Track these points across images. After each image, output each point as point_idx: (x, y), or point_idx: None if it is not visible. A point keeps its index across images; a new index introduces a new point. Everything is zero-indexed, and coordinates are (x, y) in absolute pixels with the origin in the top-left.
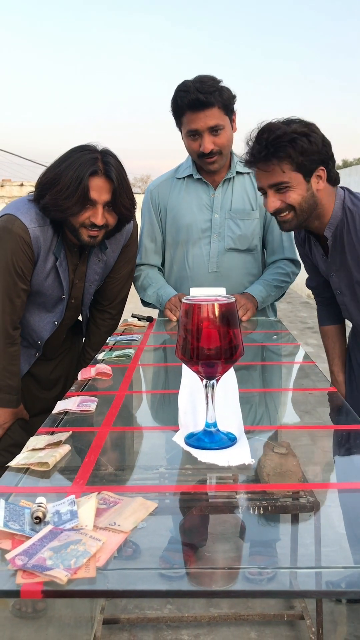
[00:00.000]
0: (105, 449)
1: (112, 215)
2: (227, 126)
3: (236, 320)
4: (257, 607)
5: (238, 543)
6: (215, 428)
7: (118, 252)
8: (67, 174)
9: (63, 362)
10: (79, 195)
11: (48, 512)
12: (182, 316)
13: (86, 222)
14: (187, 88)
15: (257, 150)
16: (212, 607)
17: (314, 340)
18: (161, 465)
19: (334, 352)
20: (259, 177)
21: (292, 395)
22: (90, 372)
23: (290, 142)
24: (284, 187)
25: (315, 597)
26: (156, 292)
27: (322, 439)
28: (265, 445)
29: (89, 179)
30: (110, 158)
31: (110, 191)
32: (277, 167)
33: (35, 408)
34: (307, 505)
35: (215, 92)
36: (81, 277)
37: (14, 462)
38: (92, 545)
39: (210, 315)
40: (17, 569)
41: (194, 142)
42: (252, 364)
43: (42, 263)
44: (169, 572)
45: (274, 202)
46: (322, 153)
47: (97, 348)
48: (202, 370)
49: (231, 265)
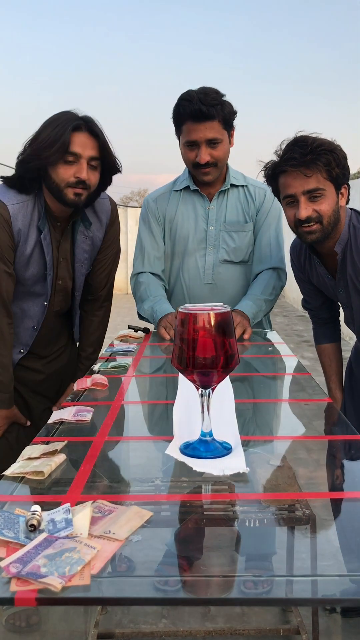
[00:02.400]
0: (101, 459)
1: (94, 175)
2: (225, 140)
3: (232, 330)
4: (253, 621)
5: (234, 555)
6: (211, 437)
7: (103, 230)
8: (48, 129)
9: (58, 360)
10: (59, 146)
11: (43, 520)
12: (178, 326)
13: (71, 180)
14: (191, 98)
15: (300, 154)
16: (207, 622)
17: (310, 353)
18: (157, 478)
19: (331, 369)
20: (294, 183)
21: (288, 407)
22: (86, 382)
23: (331, 152)
24: (319, 195)
25: (311, 606)
26: (152, 306)
27: (318, 450)
28: (260, 456)
29: (72, 134)
30: (92, 119)
31: (95, 147)
32: (318, 172)
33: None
34: (302, 517)
35: (218, 106)
36: (65, 256)
37: (9, 471)
38: (86, 553)
39: (206, 325)
40: (11, 577)
41: (191, 152)
42: (247, 375)
43: (23, 242)
44: (164, 586)
45: (306, 210)
46: (348, 171)
47: (93, 343)
48: (197, 379)
49: (226, 278)
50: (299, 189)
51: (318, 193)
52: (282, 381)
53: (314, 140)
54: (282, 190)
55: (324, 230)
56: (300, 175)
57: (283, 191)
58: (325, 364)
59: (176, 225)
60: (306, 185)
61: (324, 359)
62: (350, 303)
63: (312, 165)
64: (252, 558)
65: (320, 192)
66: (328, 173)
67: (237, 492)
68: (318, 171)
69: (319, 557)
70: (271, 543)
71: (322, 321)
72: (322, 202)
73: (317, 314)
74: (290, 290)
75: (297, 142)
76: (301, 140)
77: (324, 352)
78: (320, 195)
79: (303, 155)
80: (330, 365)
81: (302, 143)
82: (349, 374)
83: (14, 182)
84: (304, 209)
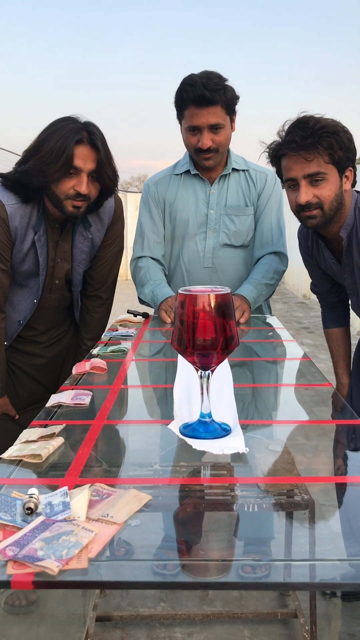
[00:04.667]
0: (99, 442)
1: (94, 186)
2: (227, 125)
3: (231, 312)
4: (251, 605)
5: (232, 540)
6: (210, 418)
7: (104, 230)
8: (51, 140)
9: (58, 344)
10: (63, 162)
11: (40, 503)
12: (177, 307)
13: (70, 193)
14: (194, 82)
15: (301, 137)
16: (205, 605)
17: (309, 340)
18: (155, 462)
19: (339, 354)
20: (294, 167)
21: (288, 391)
22: (84, 366)
23: (334, 135)
24: (320, 179)
25: (310, 590)
26: (152, 290)
27: (317, 436)
28: (259, 441)
29: (74, 147)
30: (94, 128)
31: (95, 160)
32: (319, 156)
33: (27, 399)
34: (301, 502)
35: (221, 91)
36: (64, 256)
37: (6, 454)
38: (84, 537)
39: (206, 307)
40: (8, 560)
41: (192, 137)
42: (246, 359)
43: (20, 240)
44: (163, 570)
45: (307, 194)
46: (353, 153)
47: (94, 337)
48: (197, 361)
49: (226, 261)
50: (299, 173)
51: (319, 177)
52: (282, 366)
53: (316, 122)
54: (284, 172)
55: (324, 216)
56: (301, 159)
57: (285, 174)
58: (333, 349)
59: (176, 208)
60: (307, 169)
61: (332, 344)
62: (356, 289)
63: (312, 149)
64: (250, 542)
65: (321, 176)
66: (330, 157)
67: (236, 476)
68: (319, 155)
69: (317, 542)
70: (270, 527)
71: (330, 305)
72: (324, 187)
73: (326, 298)
74: (290, 277)
75: (299, 124)
76: (303, 121)
77: (332, 337)
78: (321, 179)
79: (304, 138)
80: (338, 350)
81: (303, 125)
82: (357, 359)
83: (16, 189)
84: (304, 193)
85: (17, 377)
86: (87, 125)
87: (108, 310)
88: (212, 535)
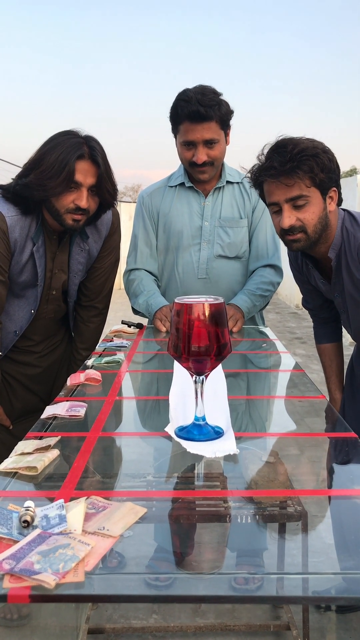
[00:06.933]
0: (94, 454)
1: (94, 200)
2: (221, 140)
3: (224, 320)
4: (244, 617)
5: (225, 552)
6: (204, 421)
7: (101, 242)
8: (52, 154)
9: (53, 354)
10: (64, 177)
11: (36, 516)
12: (174, 316)
13: (70, 206)
14: (189, 98)
15: (280, 163)
16: (198, 617)
17: (302, 350)
18: (149, 473)
19: (331, 370)
20: (276, 191)
21: (281, 403)
22: (79, 377)
23: (314, 157)
24: (303, 203)
25: (303, 604)
26: (146, 300)
27: (310, 447)
28: (253, 453)
29: (76, 162)
30: (95, 143)
31: (95, 175)
32: (300, 180)
33: (21, 410)
34: (294, 514)
35: (215, 107)
36: (62, 267)
37: (1, 467)
38: (80, 550)
39: (201, 315)
40: (4, 573)
41: (187, 152)
42: (240, 371)
43: (19, 252)
44: (155, 581)
45: (289, 218)
46: (336, 173)
47: (89, 346)
48: (192, 367)
49: (220, 272)
50: (281, 197)
51: (302, 201)
52: (275, 378)
53: (294, 146)
54: (267, 197)
55: (309, 240)
56: (281, 185)
57: (267, 198)
58: (326, 364)
59: (170, 220)
60: (288, 194)
61: (324, 359)
62: (346, 308)
63: (292, 173)
64: (243, 554)
65: (304, 200)
66: (311, 180)
67: (229, 489)
68: (299, 179)
69: (310, 554)
70: (262, 539)
71: (322, 320)
72: (307, 210)
73: (318, 314)
74: (283, 288)
75: (277, 149)
76: (281, 146)
77: (325, 352)
78: (304, 203)
79: (282, 163)
80: (330, 365)
81: (281, 150)
82: (350, 374)
83: (16, 201)
84: (287, 217)
85: (11, 387)
86: (88, 139)
87: (103, 320)
88: (204, 547)
